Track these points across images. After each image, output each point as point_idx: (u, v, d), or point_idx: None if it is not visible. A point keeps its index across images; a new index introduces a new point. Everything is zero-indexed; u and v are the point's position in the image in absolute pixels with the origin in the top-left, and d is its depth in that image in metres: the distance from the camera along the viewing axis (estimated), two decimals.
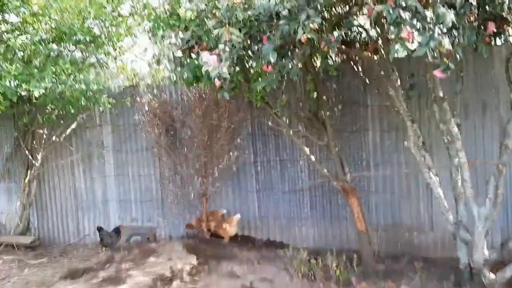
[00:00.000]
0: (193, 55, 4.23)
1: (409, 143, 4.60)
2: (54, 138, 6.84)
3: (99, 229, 6.45)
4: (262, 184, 6.36)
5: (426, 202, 5.61)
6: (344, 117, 5.80)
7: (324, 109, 5.21)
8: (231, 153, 6.01)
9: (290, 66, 3.50)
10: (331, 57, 5.19)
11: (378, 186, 5.83)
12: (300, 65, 3.62)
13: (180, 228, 6.57)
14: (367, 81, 5.65)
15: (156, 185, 6.83)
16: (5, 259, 6.36)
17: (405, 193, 5.70)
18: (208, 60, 3.43)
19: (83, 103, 6.12)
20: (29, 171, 7.00)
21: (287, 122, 5.28)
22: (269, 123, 5.84)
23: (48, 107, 6.17)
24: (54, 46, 5.75)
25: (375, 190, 5.84)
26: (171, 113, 6.20)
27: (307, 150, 5.29)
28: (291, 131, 5.22)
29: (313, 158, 5.30)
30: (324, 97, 5.26)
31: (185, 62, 4.17)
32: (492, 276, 4.43)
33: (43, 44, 5.54)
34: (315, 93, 5.17)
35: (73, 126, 6.84)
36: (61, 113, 6.31)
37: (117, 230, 6.42)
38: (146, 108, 6.35)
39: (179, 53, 4.05)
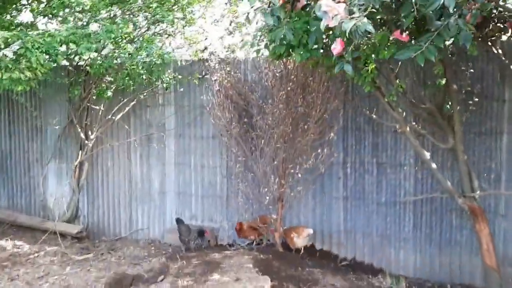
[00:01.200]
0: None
1: None
2: (110, 116, 5.94)
3: (178, 220, 5.45)
4: (351, 191, 5.12)
5: None
6: (470, 113, 4.44)
7: (453, 102, 3.89)
8: (319, 150, 4.80)
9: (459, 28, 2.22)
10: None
11: (510, 208, 4.45)
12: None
13: None
14: (508, 68, 4.25)
15: (221, 180, 5.77)
16: (47, 250, 5.57)
17: None
18: (332, 9, 2.22)
19: (145, 78, 5.14)
20: (81, 152, 6.17)
21: (404, 115, 3.98)
22: (373, 115, 4.57)
23: (105, 80, 5.23)
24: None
25: (505, 214, 4.46)
26: (247, 95, 5.08)
27: (427, 154, 3.98)
28: (408, 127, 3.93)
29: (433, 165, 3.99)
30: (455, 85, 3.92)
31: (286, 18, 2.96)
32: None
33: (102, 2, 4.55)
34: (444, 79, 3.83)
35: (133, 103, 5.90)
36: (120, 87, 5.36)
37: (201, 232, 5.34)
38: (217, 88, 5.27)
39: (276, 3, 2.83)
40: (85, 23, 4.81)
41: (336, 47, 2.56)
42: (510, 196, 4.38)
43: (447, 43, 3.45)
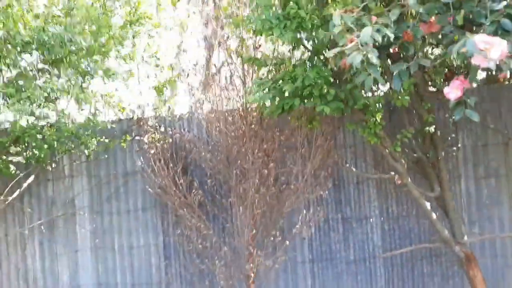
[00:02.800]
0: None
1: None
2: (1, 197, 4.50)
3: None
4: (317, 251, 4.71)
5: None
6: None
7: (439, 149, 3.87)
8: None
9: None
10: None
11: (472, 248, 4.57)
12: None
13: None
14: None
15: (157, 262, 4.78)
16: None
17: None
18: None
19: (67, 146, 4.02)
20: None
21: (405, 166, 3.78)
22: (352, 168, 4.31)
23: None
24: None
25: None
26: (205, 157, 4.36)
27: (427, 204, 3.83)
28: (409, 179, 3.74)
29: (434, 216, 3.85)
30: (439, 132, 3.92)
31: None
32: None
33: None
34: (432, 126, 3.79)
35: (31, 178, 4.58)
36: (30, 159, 4.11)
37: None
38: (154, 150, 4.42)
39: None
40: None
41: (454, 92, 2.22)
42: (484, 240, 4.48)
43: None
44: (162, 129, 4.62)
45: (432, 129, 3.74)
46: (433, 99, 3.94)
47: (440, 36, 2.43)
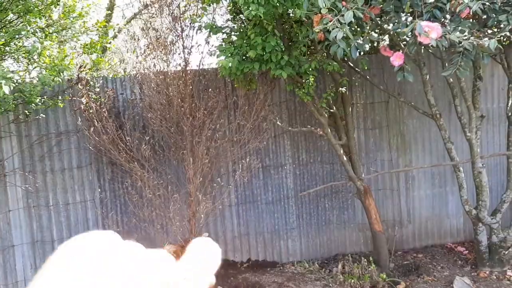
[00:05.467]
0: None
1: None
2: None
3: None
4: (242, 196, 5.46)
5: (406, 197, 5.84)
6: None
7: (347, 106, 4.85)
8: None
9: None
10: None
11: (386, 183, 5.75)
12: None
13: None
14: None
15: (95, 215, 5.06)
16: None
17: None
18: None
19: (10, 104, 4.03)
20: None
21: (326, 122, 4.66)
22: (278, 123, 5.06)
23: None
24: None
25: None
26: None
27: (340, 150, 4.78)
28: (329, 130, 4.64)
29: (345, 158, 4.83)
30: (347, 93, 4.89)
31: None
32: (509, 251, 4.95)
33: None
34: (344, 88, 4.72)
35: None
36: None
37: None
38: (92, 110, 4.63)
39: None
40: None
41: (397, 60, 3.04)
42: (385, 174, 5.64)
43: None
44: (99, 89, 4.82)
45: (343, 89, 4.68)
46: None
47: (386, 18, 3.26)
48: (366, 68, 4.67)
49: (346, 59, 4.72)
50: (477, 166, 4.74)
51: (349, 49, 2.98)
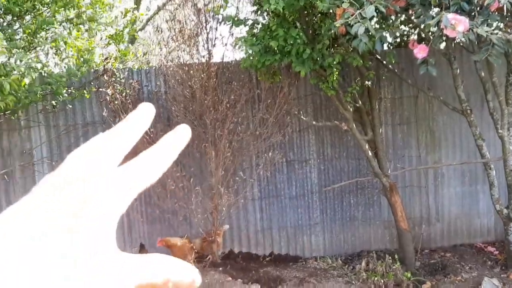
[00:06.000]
0: None
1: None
2: None
3: None
4: (265, 190, 5.43)
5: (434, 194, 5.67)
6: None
7: (374, 100, 4.73)
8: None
9: None
10: None
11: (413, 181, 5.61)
12: None
13: None
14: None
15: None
16: None
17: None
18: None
19: (37, 95, 4.12)
20: None
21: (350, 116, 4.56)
22: (302, 117, 4.99)
23: None
24: None
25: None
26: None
27: (366, 145, 4.68)
28: (354, 125, 4.55)
29: (370, 154, 4.73)
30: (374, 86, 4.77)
31: None
32: None
33: None
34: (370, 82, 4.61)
35: None
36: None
37: None
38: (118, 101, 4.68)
39: None
40: None
41: (421, 53, 2.94)
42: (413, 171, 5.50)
43: None
44: (124, 81, 4.87)
45: (369, 83, 4.56)
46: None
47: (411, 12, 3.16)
48: (393, 61, 4.53)
49: (373, 52, 4.60)
50: (509, 164, 4.55)
51: (371, 42, 2.90)
